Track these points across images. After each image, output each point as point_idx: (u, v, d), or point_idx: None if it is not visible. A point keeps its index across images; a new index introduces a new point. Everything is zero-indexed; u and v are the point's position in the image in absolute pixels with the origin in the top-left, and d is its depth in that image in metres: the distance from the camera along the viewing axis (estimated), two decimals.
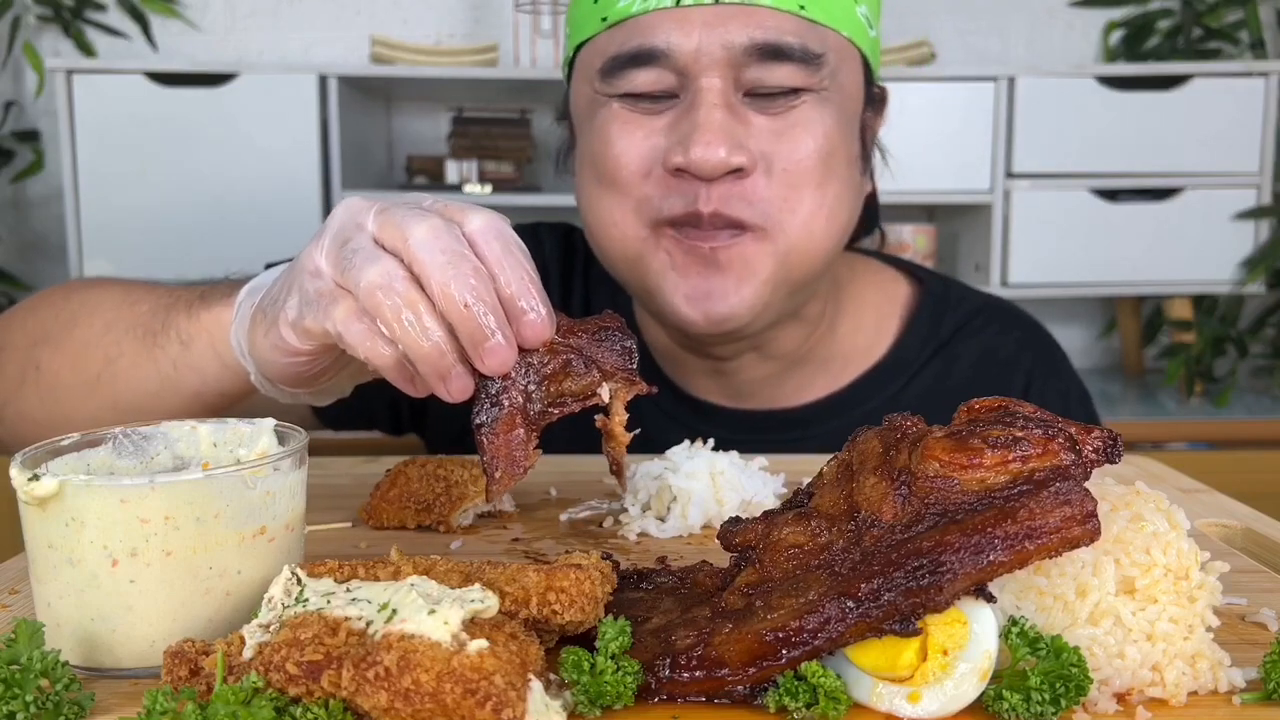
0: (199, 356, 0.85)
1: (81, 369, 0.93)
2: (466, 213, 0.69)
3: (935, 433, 0.57)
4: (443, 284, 0.65)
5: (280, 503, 0.60)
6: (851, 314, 1.17)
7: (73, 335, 0.95)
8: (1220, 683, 0.54)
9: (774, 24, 0.95)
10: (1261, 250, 2.67)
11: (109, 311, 0.94)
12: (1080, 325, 3.13)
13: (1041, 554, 0.51)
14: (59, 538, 0.56)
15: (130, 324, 0.91)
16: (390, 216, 0.68)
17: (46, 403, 0.95)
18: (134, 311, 0.92)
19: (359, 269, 0.66)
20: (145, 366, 0.89)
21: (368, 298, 0.66)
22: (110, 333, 0.92)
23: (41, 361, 0.96)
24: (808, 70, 0.96)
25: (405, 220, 0.67)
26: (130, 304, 0.93)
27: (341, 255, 0.68)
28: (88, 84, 2.53)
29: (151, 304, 0.91)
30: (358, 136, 2.75)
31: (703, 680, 0.53)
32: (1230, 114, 2.63)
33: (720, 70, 0.95)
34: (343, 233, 0.69)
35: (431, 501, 0.83)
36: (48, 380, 0.95)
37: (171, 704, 0.49)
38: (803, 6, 0.96)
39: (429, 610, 0.49)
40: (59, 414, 0.94)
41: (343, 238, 0.69)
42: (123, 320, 0.92)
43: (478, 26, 2.99)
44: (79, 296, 0.98)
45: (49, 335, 0.96)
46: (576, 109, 1.06)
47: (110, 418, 0.89)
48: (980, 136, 2.63)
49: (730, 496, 0.84)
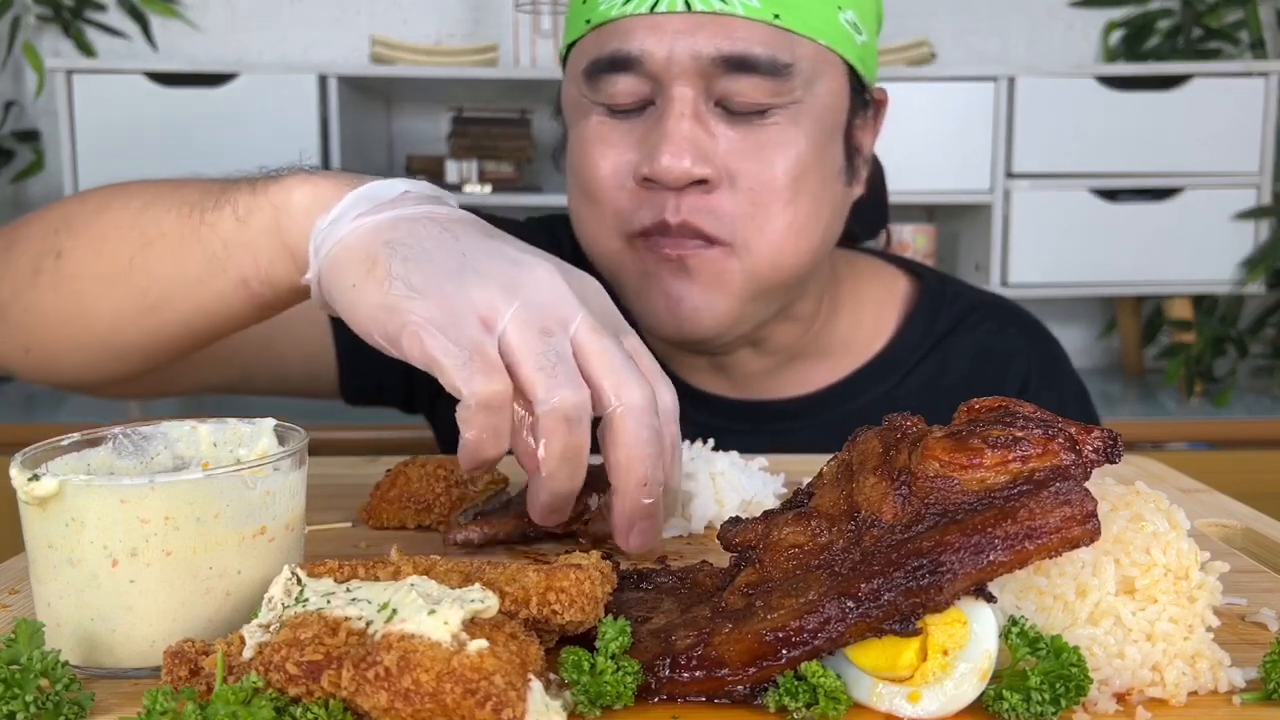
0: (257, 234, 0.77)
1: (111, 254, 0.83)
2: (660, 385, 0.70)
3: (935, 433, 0.57)
4: (638, 461, 0.66)
5: (280, 503, 0.61)
6: (850, 308, 1.17)
7: (102, 218, 0.85)
8: (1220, 683, 0.54)
9: (744, 34, 0.95)
10: (1261, 250, 2.68)
11: (148, 193, 0.84)
12: (1080, 325, 3.13)
13: (1041, 554, 0.51)
14: (59, 538, 0.56)
15: (175, 202, 0.82)
16: (607, 348, 0.66)
17: (64, 295, 0.87)
18: (179, 193, 0.83)
19: (560, 384, 0.64)
20: (190, 247, 0.79)
21: (554, 418, 0.64)
22: (149, 211, 0.82)
23: (63, 249, 0.86)
24: (776, 82, 0.96)
25: (621, 369, 0.66)
26: (175, 187, 0.84)
27: (541, 347, 0.64)
28: (88, 84, 2.53)
29: (203, 186, 0.83)
30: (358, 136, 2.75)
31: (703, 680, 0.53)
32: (1230, 114, 2.63)
33: (690, 80, 0.95)
34: (544, 316, 0.65)
35: (431, 501, 0.83)
36: (69, 269, 0.86)
37: (171, 704, 0.49)
38: (777, 15, 0.95)
39: (429, 610, 0.49)
40: (77, 308, 0.86)
41: (543, 323, 0.65)
42: (164, 199, 0.83)
43: (478, 26, 2.99)
44: (111, 187, 0.89)
45: (72, 222, 0.87)
46: (567, 110, 1.08)
47: (137, 309, 0.83)
48: (980, 136, 2.63)
49: (730, 496, 0.84)
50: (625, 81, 0.97)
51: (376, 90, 2.89)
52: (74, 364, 0.91)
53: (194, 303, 0.81)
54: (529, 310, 0.66)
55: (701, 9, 0.94)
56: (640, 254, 1.00)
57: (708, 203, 0.97)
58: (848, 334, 1.17)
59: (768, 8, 0.95)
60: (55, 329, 0.89)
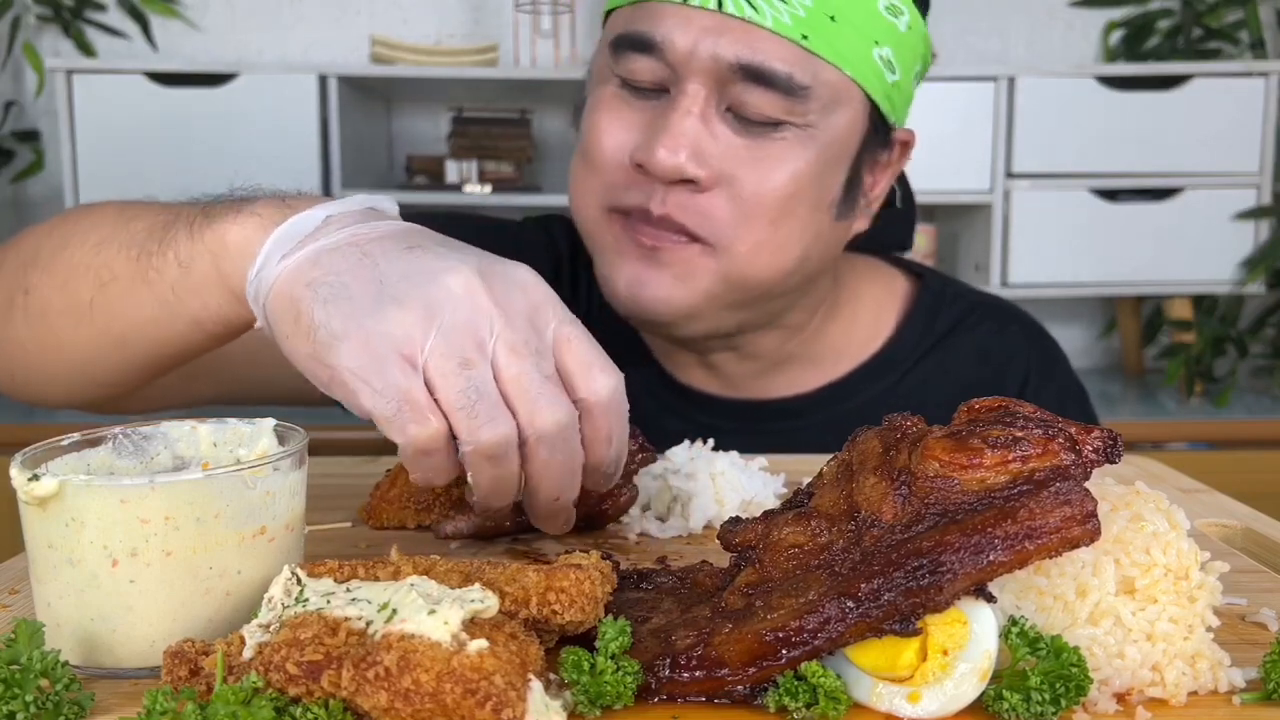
0: (200, 280, 0.77)
1: (71, 293, 0.84)
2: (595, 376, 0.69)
3: (935, 433, 0.57)
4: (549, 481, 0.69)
5: (280, 503, 0.60)
6: (848, 310, 1.17)
7: (63, 255, 0.86)
8: (1220, 683, 0.54)
9: (769, 47, 0.94)
10: (1261, 250, 2.68)
11: (103, 230, 0.85)
12: (1080, 325, 3.13)
13: (1041, 554, 0.51)
14: (59, 538, 0.56)
15: (123, 243, 0.82)
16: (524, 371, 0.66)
17: (37, 329, 0.88)
18: (129, 230, 0.83)
19: (480, 425, 0.65)
20: (140, 291, 0.80)
21: (476, 457, 0.66)
22: (101, 253, 0.83)
23: (31, 284, 0.87)
24: (790, 101, 0.95)
25: (536, 395, 0.66)
26: (125, 221, 0.84)
27: (460, 383, 0.65)
28: (88, 84, 2.53)
29: (149, 221, 0.82)
30: (358, 136, 2.75)
31: (703, 680, 0.53)
32: (1230, 114, 2.63)
33: (705, 79, 0.95)
34: (461, 342, 0.65)
35: (431, 501, 0.83)
36: (37, 305, 0.87)
37: (171, 704, 0.49)
38: (806, 36, 0.94)
39: (429, 610, 0.49)
40: (50, 342, 0.88)
41: (461, 353, 0.65)
42: (116, 239, 0.83)
43: (478, 26, 2.99)
44: (75, 216, 0.90)
45: (39, 257, 0.88)
46: (592, 71, 1.08)
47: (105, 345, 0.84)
48: (980, 136, 2.63)
49: (730, 496, 0.84)
50: (645, 63, 0.97)
51: (376, 90, 2.89)
52: (55, 390, 0.93)
53: (155, 340, 0.82)
54: (446, 340, 0.65)
55: (732, 11, 0.94)
56: (616, 229, 1.01)
57: (695, 202, 0.97)
58: (844, 336, 1.17)
59: (798, 27, 0.94)
60: (33, 359, 0.91)
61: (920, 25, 1.03)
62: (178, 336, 0.81)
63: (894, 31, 0.99)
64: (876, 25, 0.98)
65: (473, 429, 0.65)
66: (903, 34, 1.00)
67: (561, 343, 0.69)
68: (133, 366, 0.86)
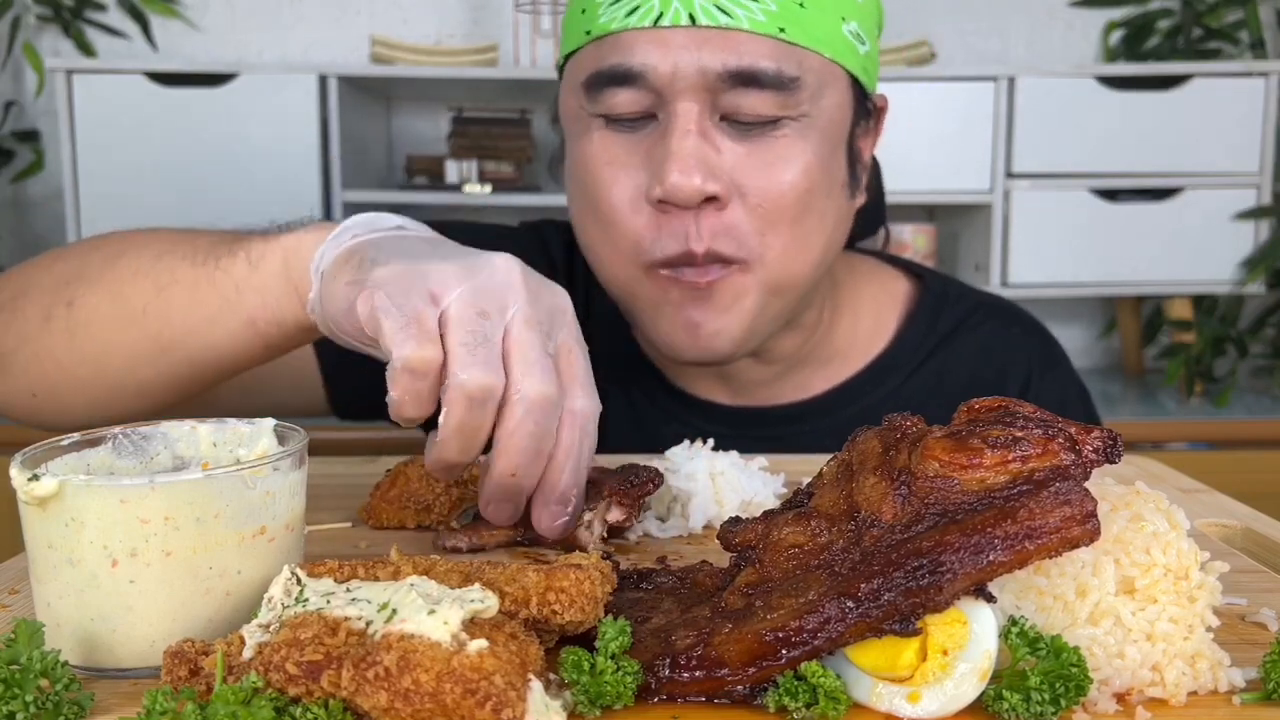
0: (267, 275, 0.83)
1: (126, 300, 0.88)
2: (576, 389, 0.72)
3: (935, 433, 0.57)
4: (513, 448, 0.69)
5: (280, 503, 0.61)
6: (850, 312, 1.17)
7: (117, 267, 0.90)
8: (1220, 683, 0.54)
9: (750, 49, 0.93)
10: (1261, 250, 2.68)
11: (163, 243, 0.90)
12: (1080, 325, 3.13)
13: (1041, 554, 0.51)
14: (59, 538, 0.56)
15: (187, 252, 0.87)
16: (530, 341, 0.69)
17: (78, 339, 0.90)
18: (193, 243, 0.88)
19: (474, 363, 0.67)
20: (203, 290, 0.85)
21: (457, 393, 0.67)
22: (163, 260, 0.88)
23: (76, 298, 0.90)
24: (784, 96, 0.95)
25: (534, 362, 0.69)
26: (189, 237, 0.90)
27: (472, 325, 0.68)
28: (88, 84, 2.53)
29: (215, 236, 0.89)
30: (358, 136, 2.75)
31: (703, 680, 0.53)
32: (1230, 114, 2.63)
33: (695, 95, 0.94)
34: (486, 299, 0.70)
35: (431, 501, 0.83)
36: (82, 315, 0.90)
37: (171, 704, 0.49)
38: (782, 29, 0.94)
39: (429, 610, 0.49)
40: (90, 351, 0.90)
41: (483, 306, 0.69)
42: (179, 250, 0.88)
43: (478, 26, 2.99)
44: (123, 235, 0.94)
45: (85, 273, 0.91)
46: (564, 119, 1.06)
47: (149, 353, 0.87)
48: (980, 136, 2.63)
49: (730, 497, 0.84)
50: (627, 95, 0.96)
51: (376, 90, 2.89)
52: (81, 405, 0.93)
53: (204, 342, 0.86)
54: (475, 292, 0.70)
55: (707, 23, 0.93)
56: (660, 283, 0.99)
57: (722, 221, 0.96)
58: (848, 338, 1.17)
59: (773, 22, 0.94)
60: (66, 371, 0.92)
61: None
62: (227, 338, 0.85)
63: (854, 4, 1.00)
64: (840, 2, 0.98)
65: (466, 364, 0.67)
66: (860, 4, 1.01)
67: (565, 350, 0.73)
68: (170, 375, 0.89)
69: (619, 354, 1.15)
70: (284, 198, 2.53)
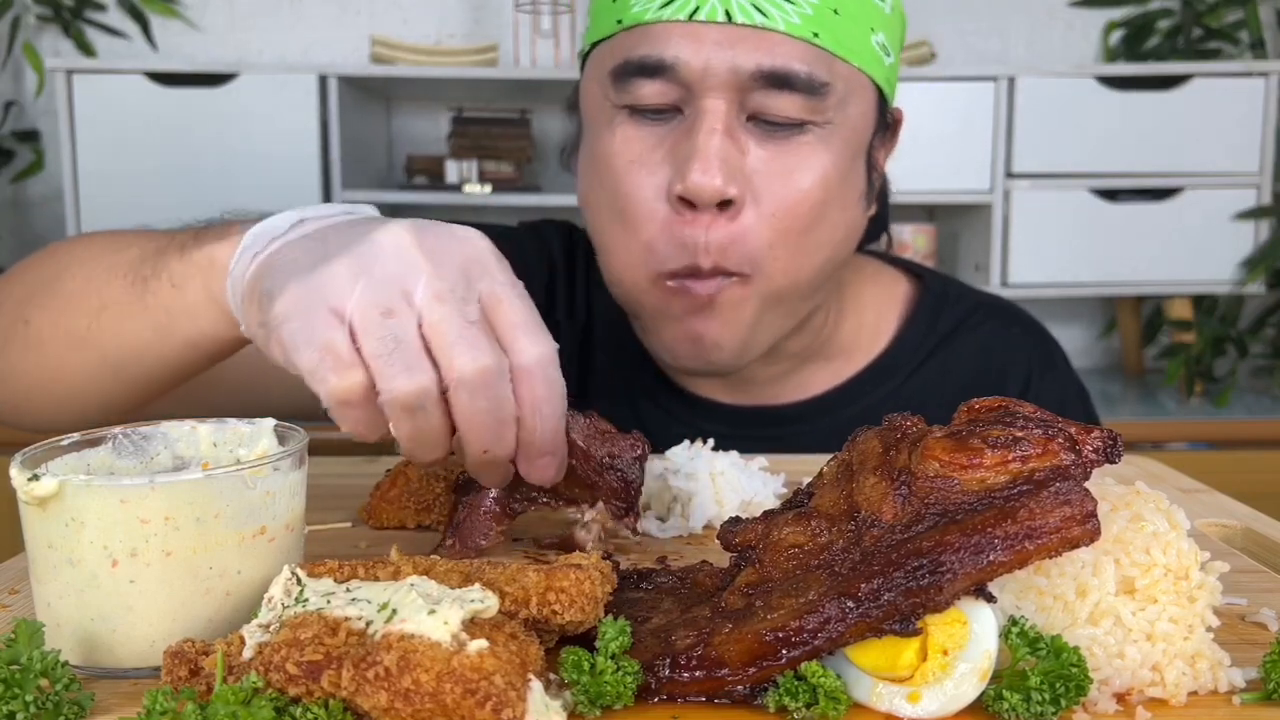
0: (193, 300, 0.78)
1: (69, 322, 0.87)
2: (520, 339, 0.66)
3: (935, 433, 0.57)
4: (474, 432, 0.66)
5: (280, 503, 0.61)
6: (853, 312, 1.17)
7: (60, 288, 0.89)
8: (1220, 683, 0.54)
9: (784, 50, 0.93)
10: (1261, 250, 2.68)
11: (96, 260, 0.87)
12: (1080, 325, 3.13)
13: (1041, 554, 0.51)
14: (59, 538, 0.56)
15: (117, 271, 0.84)
16: (444, 317, 0.64)
17: (35, 358, 0.91)
18: (122, 257, 0.85)
19: (395, 373, 0.63)
20: (136, 315, 0.82)
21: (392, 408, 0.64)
22: (94, 282, 0.85)
23: (30, 316, 0.90)
24: (813, 101, 0.94)
25: (455, 340, 0.64)
26: (117, 250, 0.86)
27: (380, 330, 0.64)
28: (88, 84, 2.53)
29: (141, 248, 0.84)
30: (358, 136, 2.75)
31: (703, 680, 0.53)
32: (1230, 114, 2.63)
33: (725, 93, 0.94)
34: (387, 293, 0.64)
35: (431, 501, 0.83)
36: (36, 335, 0.90)
37: (171, 704, 0.49)
38: (816, 34, 0.94)
39: (429, 610, 0.49)
40: (48, 369, 0.90)
41: (385, 302, 0.64)
42: (109, 268, 0.85)
43: (478, 26, 2.99)
44: (67, 248, 0.93)
45: (36, 291, 0.91)
46: (586, 108, 1.05)
47: (101, 371, 0.87)
48: (980, 136, 2.63)
49: (730, 497, 0.84)
50: (654, 86, 0.95)
51: (376, 90, 2.89)
52: (53, 417, 0.93)
53: (153, 360, 0.84)
54: (374, 290, 0.64)
55: (743, 21, 0.93)
56: (665, 293, 0.98)
57: (731, 231, 0.95)
58: (850, 338, 1.17)
59: (808, 25, 0.93)
60: (34, 388, 0.93)
61: (900, 4, 1.04)
62: (174, 357, 0.83)
63: (883, 15, 1.00)
64: (870, 12, 0.98)
65: (388, 377, 0.63)
66: (888, 16, 1.01)
67: (492, 301, 0.67)
68: (130, 391, 0.88)
69: (622, 353, 1.15)
70: (284, 198, 2.53)
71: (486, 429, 0.66)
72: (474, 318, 0.65)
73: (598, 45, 1.02)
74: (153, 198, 2.53)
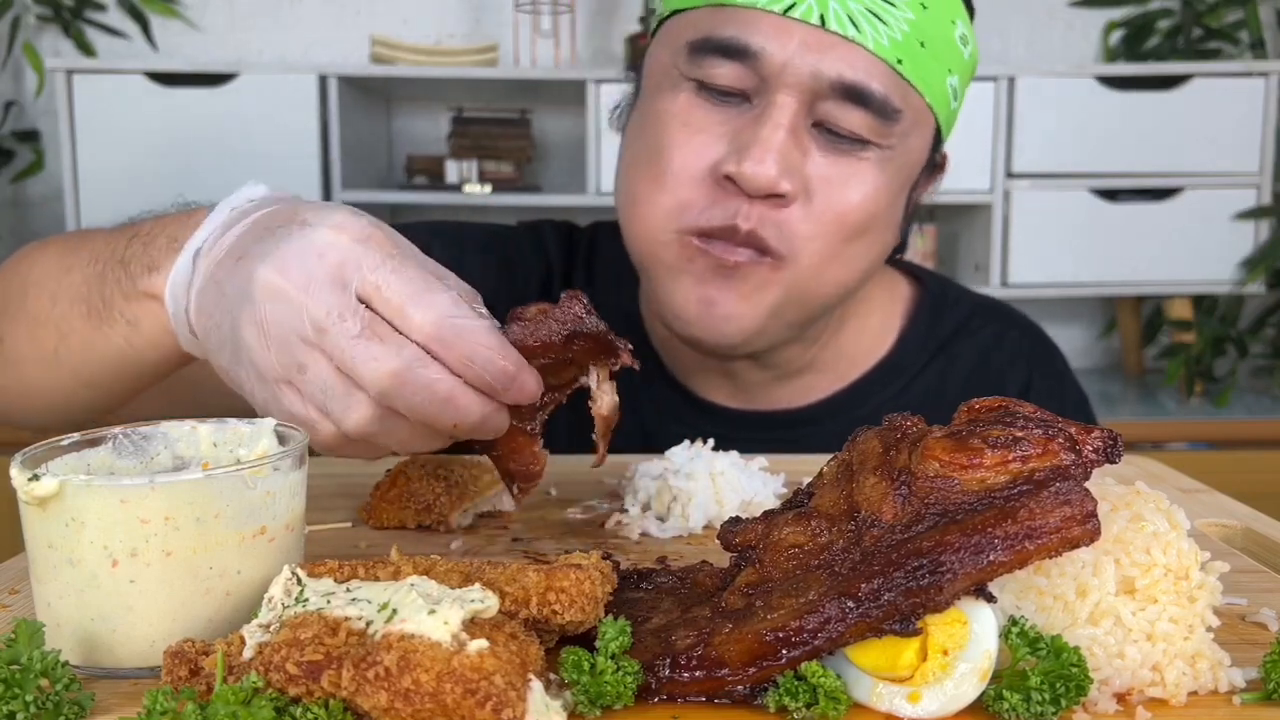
0: (150, 332, 0.82)
1: (38, 343, 0.89)
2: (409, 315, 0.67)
3: (935, 433, 0.57)
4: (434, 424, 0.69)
5: (280, 503, 0.60)
6: (856, 318, 1.17)
7: (25, 308, 0.91)
8: (1220, 683, 0.54)
9: (867, 68, 0.93)
10: (1261, 250, 2.68)
11: (51, 281, 0.90)
12: (1080, 325, 3.13)
13: (1041, 554, 0.51)
14: (59, 538, 0.56)
15: (72, 298, 0.87)
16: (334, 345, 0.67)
17: (12, 374, 0.94)
18: (70, 282, 0.88)
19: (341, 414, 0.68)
20: (99, 345, 0.85)
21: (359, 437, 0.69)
22: (56, 306, 0.88)
23: (4, 333, 0.93)
24: (881, 124, 0.95)
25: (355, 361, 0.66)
26: (65, 272, 0.89)
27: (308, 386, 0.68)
28: (88, 84, 2.53)
29: (83, 273, 0.87)
30: (358, 136, 2.75)
31: (703, 680, 0.53)
32: (1230, 114, 2.63)
33: (799, 93, 0.94)
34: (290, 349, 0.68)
35: (431, 501, 0.83)
36: (10, 353, 0.92)
37: (171, 704, 0.49)
38: (900, 61, 0.94)
39: (429, 610, 0.49)
40: (26, 382, 0.93)
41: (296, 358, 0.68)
42: (64, 293, 0.88)
43: (478, 26, 2.99)
44: (28, 263, 0.94)
45: (7, 307, 0.93)
46: (650, 71, 1.04)
47: (76, 386, 0.89)
48: (980, 136, 2.63)
49: (730, 497, 0.84)
50: (732, 69, 0.95)
51: (376, 90, 2.89)
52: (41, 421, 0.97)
53: (127, 381, 0.88)
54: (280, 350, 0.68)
55: (835, 29, 0.93)
56: (688, 250, 0.97)
57: (776, 216, 0.95)
58: (853, 343, 1.17)
59: (895, 50, 0.94)
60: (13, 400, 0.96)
61: (976, 54, 1.05)
62: (148, 371, 0.87)
63: (962, 60, 1.01)
64: (951, 54, 0.99)
65: (338, 419, 0.69)
66: (966, 62, 1.02)
67: (371, 294, 0.68)
68: (110, 398, 0.91)
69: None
70: None
71: (437, 411, 0.68)
72: (355, 331, 0.67)
73: (678, 14, 1.01)
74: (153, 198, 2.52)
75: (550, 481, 0.96)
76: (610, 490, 0.94)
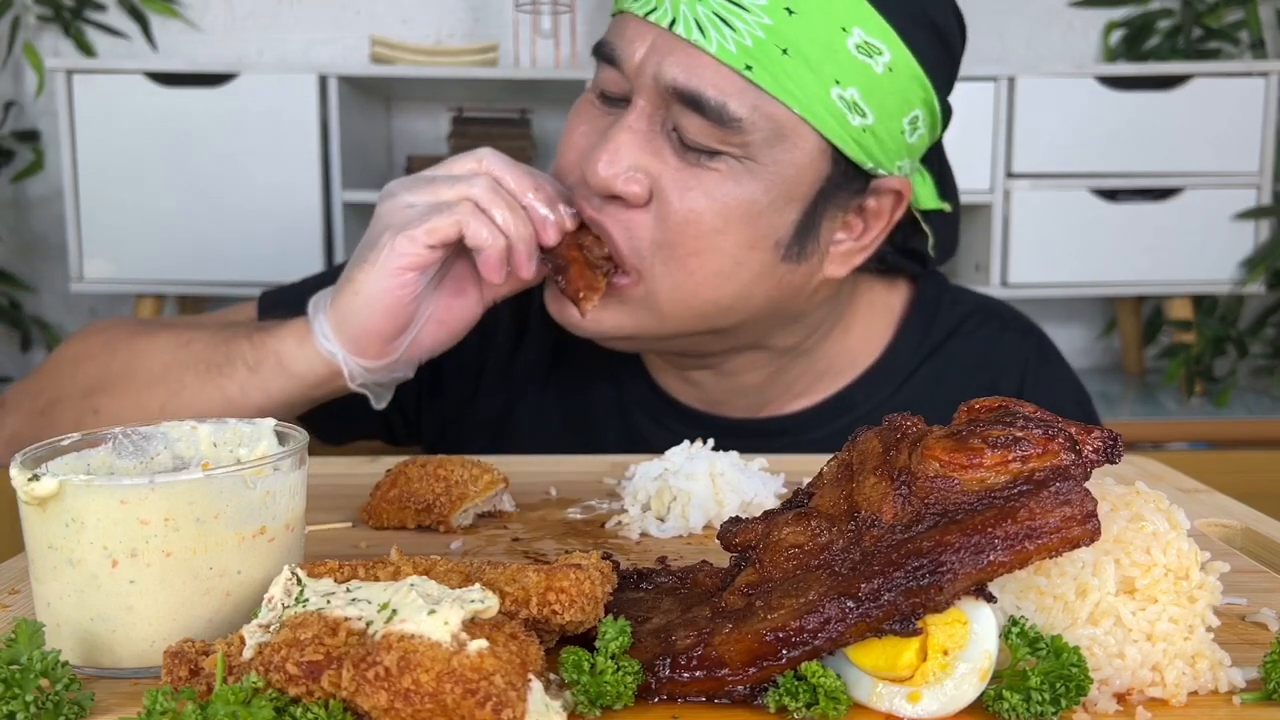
0: (267, 377, 0.98)
1: (143, 407, 1.00)
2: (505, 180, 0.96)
3: (935, 433, 0.57)
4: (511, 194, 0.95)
5: (280, 503, 0.61)
6: (840, 329, 1.15)
7: (132, 380, 1.02)
8: (1220, 683, 0.54)
9: (707, 74, 0.91)
10: (1261, 250, 2.67)
11: (165, 353, 1.02)
12: (1080, 325, 3.12)
13: (1041, 554, 0.51)
14: (59, 538, 0.56)
15: (189, 362, 1.00)
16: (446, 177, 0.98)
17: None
18: (190, 350, 1.01)
19: (461, 185, 0.95)
20: (210, 395, 0.98)
21: (483, 198, 0.93)
22: (170, 371, 1.00)
23: (100, 407, 1.02)
24: (723, 131, 0.92)
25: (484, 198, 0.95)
26: (183, 344, 1.02)
27: (435, 184, 0.95)
28: (88, 84, 2.53)
29: (205, 341, 1.01)
30: (358, 136, 2.74)
31: (703, 680, 0.53)
32: (1230, 114, 2.63)
33: (651, 95, 0.94)
34: (419, 180, 0.96)
35: (431, 501, 0.83)
36: (108, 419, 1.00)
37: (171, 704, 0.49)
38: (749, 67, 0.91)
39: (429, 610, 0.49)
40: None
41: (423, 179, 0.97)
42: (180, 360, 1.01)
43: (478, 26, 2.99)
44: (126, 345, 1.05)
45: (104, 383, 1.03)
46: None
47: None
48: (980, 136, 2.62)
49: (730, 497, 0.84)
50: (610, 73, 0.98)
51: (376, 90, 2.89)
52: None
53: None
54: (415, 180, 1.00)
55: (680, 32, 0.92)
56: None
57: (623, 216, 0.96)
58: (839, 352, 1.15)
59: (743, 56, 0.91)
60: None
61: (910, 66, 0.95)
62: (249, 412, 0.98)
63: (865, 72, 0.93)
64: (840, 64, 0.92)
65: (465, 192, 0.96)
66: (879, 75, 0.93)
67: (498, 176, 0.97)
68: None
69: (612, 362, 1.15)
70: (284, 198, 2.53)
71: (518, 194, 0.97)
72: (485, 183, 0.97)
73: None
74: (153, 198, 2.53)
75: (550, 481, 0.96)
76: (610, 490, 0.94)
